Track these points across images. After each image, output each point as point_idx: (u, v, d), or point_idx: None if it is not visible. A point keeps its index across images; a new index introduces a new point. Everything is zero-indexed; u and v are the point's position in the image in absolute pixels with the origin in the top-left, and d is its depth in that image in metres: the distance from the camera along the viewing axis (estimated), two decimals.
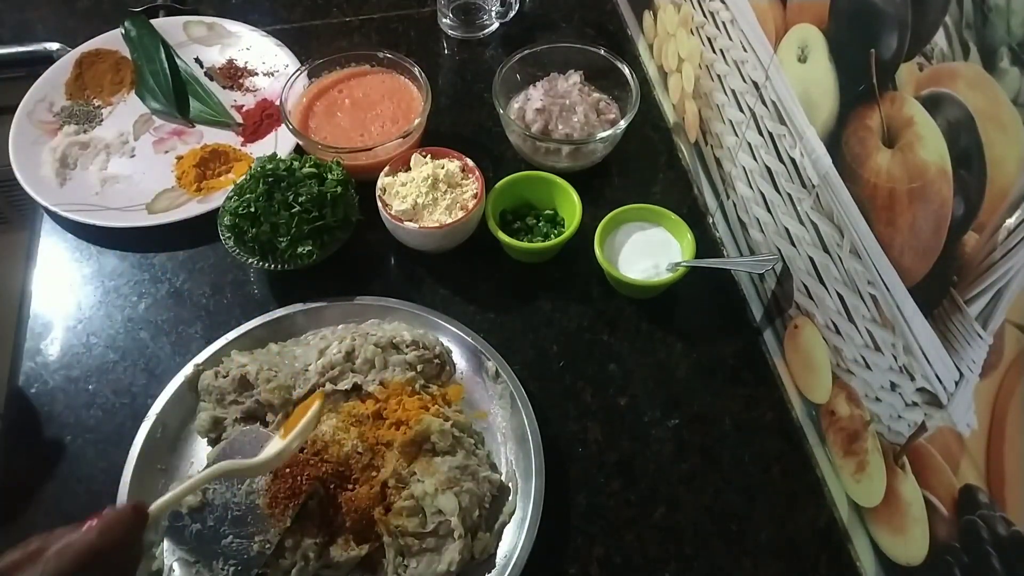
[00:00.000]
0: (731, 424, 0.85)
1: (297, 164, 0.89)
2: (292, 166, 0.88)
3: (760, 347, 0.90)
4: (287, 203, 0.86)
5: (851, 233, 0.68)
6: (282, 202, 0.86)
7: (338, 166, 0.91)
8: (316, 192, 0.87)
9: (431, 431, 0.75)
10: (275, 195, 0.86)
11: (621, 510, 0.79)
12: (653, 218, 0.94)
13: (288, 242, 0.86)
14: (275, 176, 0.87)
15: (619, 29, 1.21)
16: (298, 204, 0.86)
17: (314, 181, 0.88)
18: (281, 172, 0.87)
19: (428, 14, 1.21)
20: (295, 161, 0.89)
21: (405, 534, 0.70)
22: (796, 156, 0.75)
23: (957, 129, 0.54)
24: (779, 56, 0.76)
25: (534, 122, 1.00)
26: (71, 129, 1.04)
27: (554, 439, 0.82)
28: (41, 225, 0.97)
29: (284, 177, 0.87)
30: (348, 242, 0.91)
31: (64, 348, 0.87)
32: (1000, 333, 0.53)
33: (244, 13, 1.18)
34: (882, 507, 0.71)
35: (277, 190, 0.86)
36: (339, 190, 0.88)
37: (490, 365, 0.83)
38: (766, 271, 0.85)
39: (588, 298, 0.93)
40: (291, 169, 0.88)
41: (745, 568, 0.76)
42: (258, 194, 0.86)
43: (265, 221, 0.86)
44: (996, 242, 0.52)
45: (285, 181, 0.87)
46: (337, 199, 0.88)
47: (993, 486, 0.56)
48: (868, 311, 0.68)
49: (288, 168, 0.88)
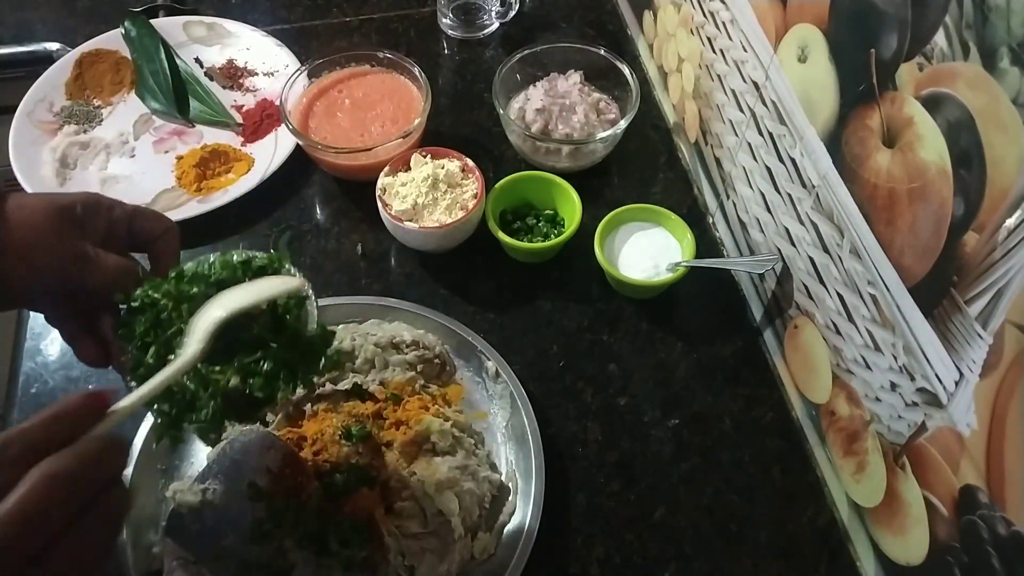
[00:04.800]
0: (731, 424, 0.85)
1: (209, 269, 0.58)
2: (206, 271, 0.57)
3: (760, 347, 0.90)
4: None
5: (851, 233, 0.68)
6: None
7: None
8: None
9: (431, 431, 0.75)
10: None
11: (621, 510, 0.79)
12: (653, 218, 0.94)
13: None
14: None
15: (619, 29, 1.21)
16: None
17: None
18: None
19: (428, 14, 1.21)
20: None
21: (405, 534, 0.70)
22: (796, 156, 0.75)
23: (957, 129, 0.54)
24: (779, 56, 0.76)
25: (534, 122, 1.00)
26: (71, 129, 1.04)
27: (554, 439, 0.82)
28: None
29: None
30: (349, 242, 0.90)
31: (64, 348, 0.87)
32: (1000, 333, 0.53)
33: (244, 13, 1.18)
34: (882, 507, 0.71)
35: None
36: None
37: (490, 365, 0.83)
38: (766, 271, 0.85)
39: (588, 298, 0.93)
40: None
41: (745, 568, 0.76)
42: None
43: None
44: (996, 242, 0.52)
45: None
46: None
47: (993, 486, 0.56)
48: (868, 311, 0.68)
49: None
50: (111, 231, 0.59)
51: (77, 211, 0.57)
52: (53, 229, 0.55)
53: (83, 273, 0.56)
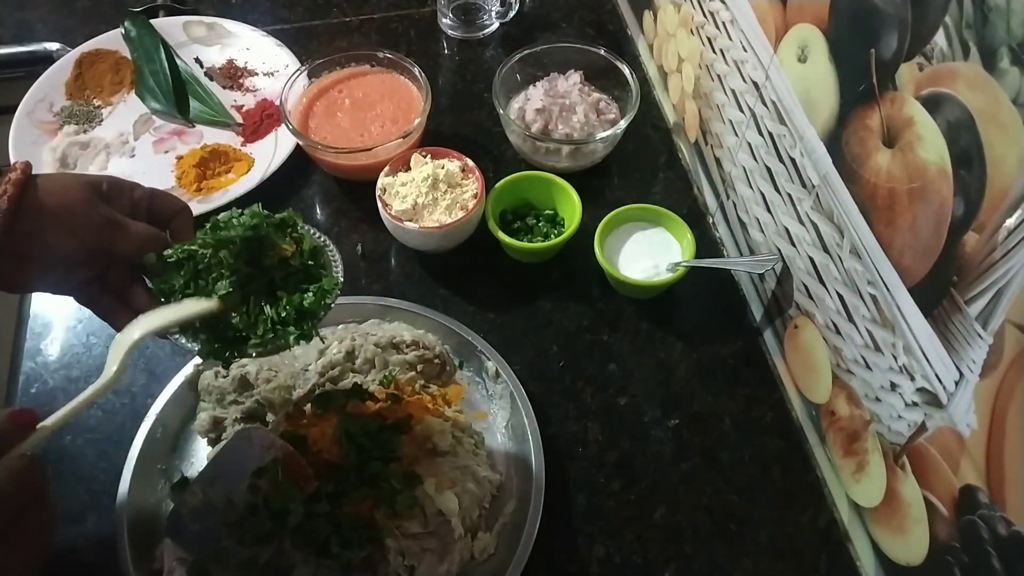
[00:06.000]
0: (731, 424, 0.85)
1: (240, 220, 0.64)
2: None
3: (760, 347, 0.90)
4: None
5: (851, 233, 0.68)
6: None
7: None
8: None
9: (431, 431, 0.75)
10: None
11: (621, 510, 0.79)
12: (653, 218, 0.94)
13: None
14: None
15: (619, 29, 1.21)
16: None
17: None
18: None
19: (428, 14, 1.21)
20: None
21: (405, 534, 0.70)
22: (796, 156, 0.75)
23: (957, 129, 0.54)
24: (779, 56, 0.76)
25: (534, 122, 1.00)
26: (71, 129, 1.04)
27: (554, 439, 0.82)
28: None
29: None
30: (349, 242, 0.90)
31: (64, 348, 0.87)
32: (1000, 333, 0.53)
33: (244, 13, 1.18)
34: (882, 507, 0.71)
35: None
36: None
37: (490, 365, 0.83)
38: (766, 271, 0.85)
39: (588, 298, 0.93)
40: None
41: (745, 568, 0.76)
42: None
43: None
44: (996, 242, 0.52)
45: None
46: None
47: (993, 486, 0.56)
48: (868, 311, 0.68)
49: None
50: (134, 208, 0.63)
51: (104, 187, 0.62)
52: (86, 199, 0.60)
53: (115, 236, 0.60)
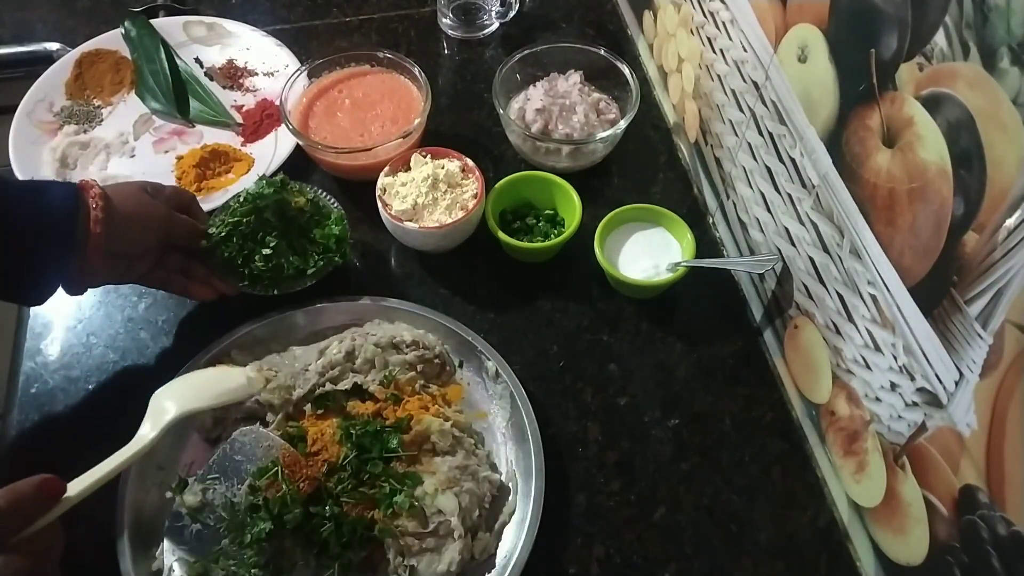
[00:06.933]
0: (731, 424, 0.85)
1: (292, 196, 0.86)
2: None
3: (760, 347, 0.90)
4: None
5: (851, 233, 0.68)
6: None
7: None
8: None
9: (431, 431, 0.75)
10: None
11: (621, 510, 0.79)
12: (653, 218, 0.94)
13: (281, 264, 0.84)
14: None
15: (619, 29, 1.21)
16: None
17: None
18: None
19: (428, 14, 1.21)
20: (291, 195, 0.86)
21: (405, 534, 0.70)
22: (796, 156, 0.75)
23: (957, 129, 0.54)
24: (779, 56, 0.76)
25: (534, 122, 1.00)
26: (71, 129, 1.04)
27: (554, 439, 0.82)
28: None
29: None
30: None
31: (64, 348, 0.87)
32: (1000, 333, 0.53)
33: (244, 13, 1.18)
34: (882, 507, 0.71)
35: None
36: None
37: (490, 365, 0.83)
38: (766, 271, 0.85)
39: (588, 298, 0.93)
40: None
41: (745, 568, 0.76)
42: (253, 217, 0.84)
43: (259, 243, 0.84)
44: (996, 242, 0.52)
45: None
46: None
47: (993, 486, 0.56)
48: (868, 311, 0.68)
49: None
50: (167, 202, 0.80)
51: (149, 188, 0.79)
52: (147, 201, 0.77)
53: (172, 227, 0.79)
